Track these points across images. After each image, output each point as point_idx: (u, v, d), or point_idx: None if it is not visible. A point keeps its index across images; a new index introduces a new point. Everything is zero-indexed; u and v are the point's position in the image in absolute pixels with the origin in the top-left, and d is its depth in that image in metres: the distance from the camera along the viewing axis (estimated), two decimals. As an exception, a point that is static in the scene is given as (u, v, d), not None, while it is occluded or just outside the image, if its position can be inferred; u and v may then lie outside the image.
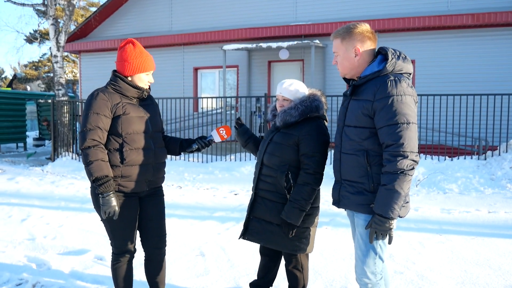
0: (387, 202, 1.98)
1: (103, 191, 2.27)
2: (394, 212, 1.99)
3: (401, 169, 1.97)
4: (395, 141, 1.98)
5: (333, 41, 2.26)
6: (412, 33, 10.53)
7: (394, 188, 1.97)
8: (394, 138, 1.98)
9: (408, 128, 1.99)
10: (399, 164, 1.96)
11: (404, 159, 1.97)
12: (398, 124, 1.98)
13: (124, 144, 2.38)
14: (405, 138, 1.98)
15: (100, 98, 2.35)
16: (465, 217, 5.37)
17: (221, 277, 3.35)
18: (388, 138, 2.00)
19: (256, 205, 2.61)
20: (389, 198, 1.98)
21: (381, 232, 2.02)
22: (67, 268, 3.49)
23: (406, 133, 1.98)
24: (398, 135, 1.98)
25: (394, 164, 1.97)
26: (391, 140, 1.99)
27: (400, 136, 1.97)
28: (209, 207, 6.02)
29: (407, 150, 1.97)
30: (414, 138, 2.01)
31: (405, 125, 1.98)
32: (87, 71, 14.51)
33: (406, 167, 1.97)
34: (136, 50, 2.44)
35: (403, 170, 1.97)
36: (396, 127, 1.98)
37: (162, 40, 12.80)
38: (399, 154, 1.97)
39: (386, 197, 1.99)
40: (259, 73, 12.25)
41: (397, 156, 1.97)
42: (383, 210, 1.99)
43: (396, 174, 1.97)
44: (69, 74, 30.92)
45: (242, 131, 2.92)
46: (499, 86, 9.67)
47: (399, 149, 1.97)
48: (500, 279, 3.33)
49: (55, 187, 7.62)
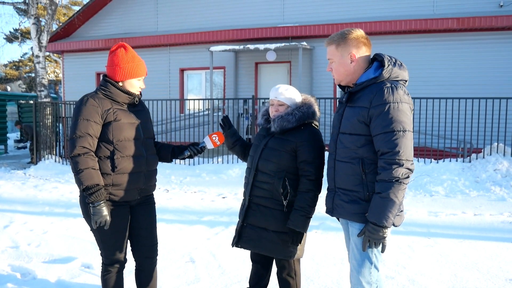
0: (381, 210, 1.96)
1: (94, 200, 2.19)
2: (388, 221, 1.97)
3: (396, 177, 1.95)
4: (391, 149, 1.96)
5: (327, 47, 2.22)
6: (398, 36, 10.64)
7: (388, 197, 1.95)
8: (390, 145, 1.96)
9: (404, 136, 1.97)
10: (394, 172, 1.94)
11: (400, 167, 1.95)
12: (394, 131, 1.96)
13: (115, 152, 2.31)
14: (401, 146, 1.96)
15: (90, 104, 2.27)
16: (452, 220, 5.43)
17: (212, 285, 3.30)
18: (384, 146, 1.98)
19: (250, 211, 2.56)
20: (383, 207, 1.96)
21: (374, 240, 2.00)
22: (53, 277, 3.38)
23: (402, 140, 1.96)
24: (394, 142, 1.96)
25: (389, 172, 1.95)
26: (387, 148, 1.97)
27: (396, 144, 1.95)
28: (197, 211, 5.95)
29: (402, 158, 1.95)
30: (410, 146, 1.99)
31: (401, 133, 1.97)
32: (70, 72, 14.24)
33: (401, 176, 1.95)
34: (128, 55, 2.37)
35: (398, 178, 1.95)
36: (392, 135, 1.96)
37: (148, 41, 12.65)
38: (394, 162, 1.95)
39: (381, 205, 1.97)
40: (246, 74, 12.21)
41: (392, 164, 1.95)
42: (377, 218, 1.97)
43: (391, 183, 1.95)
44: (51, 74, 30.34)
45: (231, 133, 2.85)
46: (483, 89, 9.85)
47: (394, 157, 1.95)
48: (489, 283, 3.37)
49: (39, 191, 7.43)
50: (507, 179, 7.51)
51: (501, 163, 7.91)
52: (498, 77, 10.07)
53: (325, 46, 2.24)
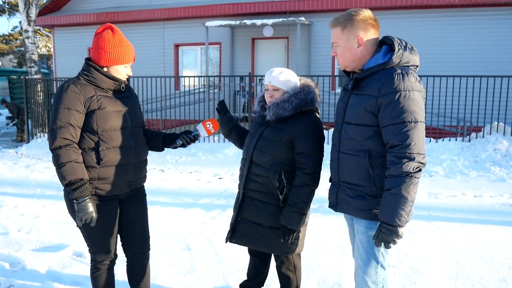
0: (393, 208, 1.80)
1: (78, 196, 2.02)
2: (401, 219, 1.81)
3: (407, 172, 1.78)
4: (401, 142, 1.79)
5: (331, 29, 2.01)
6: (398, 12, 10.31)
7: (400, 193, 1.79)
8: (400, 138, 1.79)
9: (415, 127, 1.80)
10: (405, 166, 1.78)
11: (411, 161, 1.78)
12: (405, 122, 1.79)
13: (100, 143, 2.12)
14: (412, 138, 1.79)
15: (71, 91, 2.07)
16: (452, 202, 5.35)
17: (209, 274, 3.20)
18: (394, 138, 1.81)
19: (244, 206, 2.40)
20: (395, 204, 1.80)
21: (388, 241, 1.84)
22: (43, 268, 3.26)
23: (413, 132, 1.79)
24: (405, 135, 1.79)
25: (400, 167, 1.79)
26: (397, 140, 1.80)
27: (407, 136, 1.78)
28: (193, 192, 5.83)
29: (413, 151, 1.79)
30: (422, 138, 1.83)
31: (412, 124, 1.79)
32: (61, 47, 13.83)
33: (413, 170, 1.79)
34: (115, 38, 2.14)
35: (409, 173, 1.78)
36: (403, 126, 1.79)
37: (141, 15, 12.23)
38: (405, 155, 1.79)
39: (392, 203, 1.81)
40: (242, 50, 11.88)
41: (402, 158, 1.79)
42: (389, 217, 1.81)
43: (402, 178, 1.78)
44: (43, 49, 29.65)
45: (227, 119, 2.62)
46: (484, 67, 9.64)
47: (405, 150, 1.79)
48: (492, 271, 3.28)
49: (30, 172, 7.27)
50: (506, 159, 7.41)
51: (501, 143, 7.80)
52: (500, 54, 9.84)
53: (329, 28, 2.03)
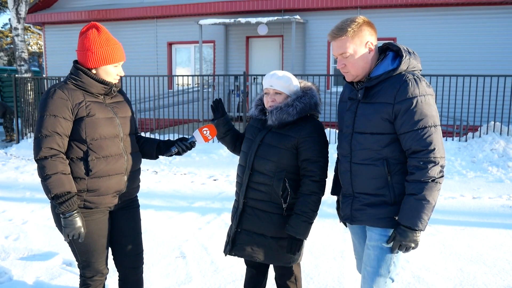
0: (416, 213, 1.79)
1: (65, 211, 1.87)
2: (423, 224, 1.81)
3: (432, 177, 1.78)
4: (425, 147, 1.78)
5: (335, 41, 1.86)
6: (393, 10, 10.21)
7: (425, 198, 1.78)
8: (423, 143, 1.78)
9: (436, 131, 1.80)
10: (431, 171, 1.77)
11: (435, 166, 1.78)
12: (426, 127, 1.79)
13: (90, 152, 1.97)
14: (435, 143, 1.79)
15: (57, 97, 1.92)
16: (451, 204, 5.27)
17: (205, 285, 3.07)
18: (416, 144, 1.79)
19: (245, 216, 2.26)
20: (418, 209, 1.79)
21: (406, 245, 1.82)
22: (31, 278, 3.11)
23: (435, 137, 1.79)
24: (428, 140, 1.78)
25: (425, 172, 1.77)
26: (420, 146, 1.78)
27: (430, 141, 1.78)
28: (188, 195, 5.69)
29: (437, 156, 1.79)
30: (442, 142, 1.82)
31: (433, 128, 1.79)
32: (52, 45, 13.57)
33: (437, 175, 1.79)
34: (101, 37, 1.99)
35: (434, 178, 1.78)
36: (424, 131, 1.78)
37: (134, 13, 12.02)
38: (430, 160, 1.78)
39: (416, 207, 1.79)
40: (236, 49, 11.73)
41: (428, 163, 1.77)
42: (411, 221, 1.79)
43: (427, 183, 1.78)
44: (34, 46, 29.23)
45: (224, 121, 2.45)
46: (479, 66, 9.59)
47: (430, 155, 1.78)
48: (497, 278, 3.19)
49: (20, 174, 7.08)
50: (504, 159, 7.36)
51: (498, 143, 7.75)
52: (495, 53, 9.79)
53: (332, 39, 1.88)
